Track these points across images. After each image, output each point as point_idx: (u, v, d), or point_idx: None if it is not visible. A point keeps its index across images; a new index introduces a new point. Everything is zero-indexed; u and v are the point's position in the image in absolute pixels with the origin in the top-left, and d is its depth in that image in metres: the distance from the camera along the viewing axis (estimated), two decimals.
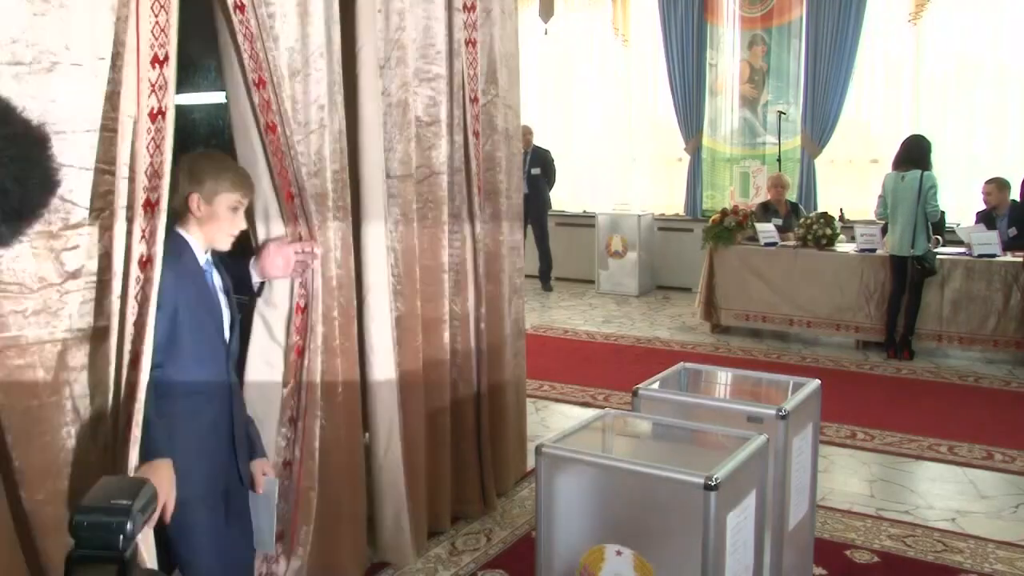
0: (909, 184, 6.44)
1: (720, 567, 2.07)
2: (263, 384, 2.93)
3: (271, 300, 2.93)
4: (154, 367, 2.22)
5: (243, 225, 2.48)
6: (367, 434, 3.49)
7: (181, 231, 2.41)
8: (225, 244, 2.46)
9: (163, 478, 2.15)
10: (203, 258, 2.44)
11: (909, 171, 6.46)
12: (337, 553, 3.18)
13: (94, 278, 2.19)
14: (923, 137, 6.66)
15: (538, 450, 2.28)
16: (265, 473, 2.65)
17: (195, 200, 2.37)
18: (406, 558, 3.47)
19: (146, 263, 2.23)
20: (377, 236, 3.26)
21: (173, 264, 2.30)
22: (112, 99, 2.18)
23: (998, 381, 6.19)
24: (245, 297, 2.82)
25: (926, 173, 6.41)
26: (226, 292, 2.51)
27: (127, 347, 2.19)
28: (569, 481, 2.27)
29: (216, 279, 2.49)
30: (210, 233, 2.42)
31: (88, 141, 2.15)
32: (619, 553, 2.18)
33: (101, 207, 2.18)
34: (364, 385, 3.34)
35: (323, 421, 3.06)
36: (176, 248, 2.35)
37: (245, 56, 2.65)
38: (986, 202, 7.01)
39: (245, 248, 2.76)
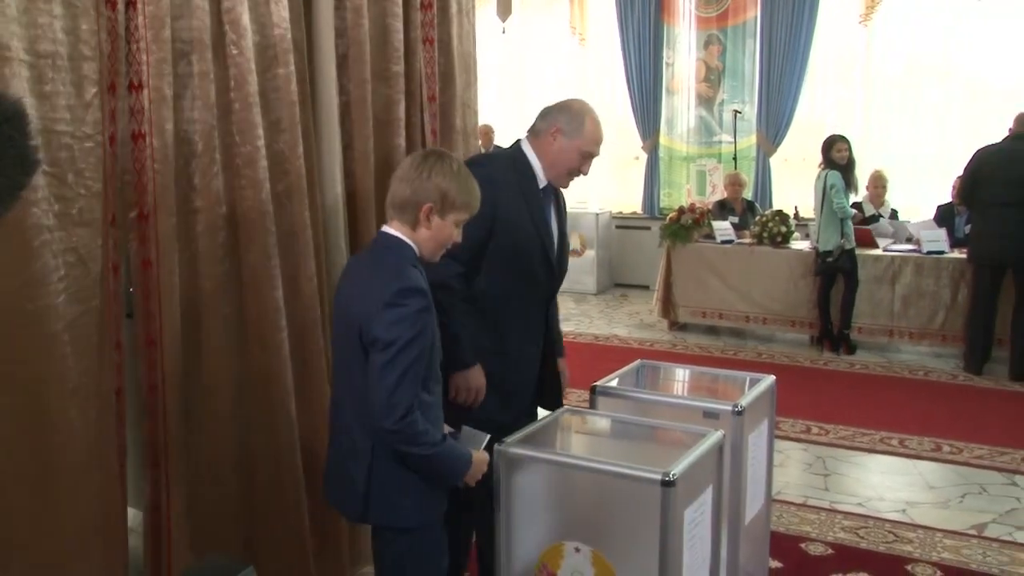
0: (819, 183, 6.72)
1: (677, 562, 2.10)
2: None
3: None
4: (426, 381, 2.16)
5: (459, 238, 2.30)
6: None
7: (400, 235, 2.24)
8: (436, 257, 2.30)
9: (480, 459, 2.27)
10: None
11: (823, 170, 6.72)
12: (287, 556, 3.16)
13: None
14: (832, 136, 6.83)
15: (496, 449, 2.29)
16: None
17: (427, 211, 2.20)
18: (362, 558, 3.45)
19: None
20: (335, 234, 3.24)
21: (419, 270, 2.20)
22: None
23: (946, 375, 6.33)
24: None
25: (829, 172, 6.62)
26: None
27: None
28: (528, 479, 2.29)
29: None
30: (428, 244, 2.24)
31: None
32: (578, 550, 2.20)
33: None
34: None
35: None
36: (410, 254, 2.22)
37: (120, 57, 2.42)
38: (954, 197, 7.10)
39: None
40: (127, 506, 2.55)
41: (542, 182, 2.82)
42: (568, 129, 2.75)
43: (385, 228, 2.27)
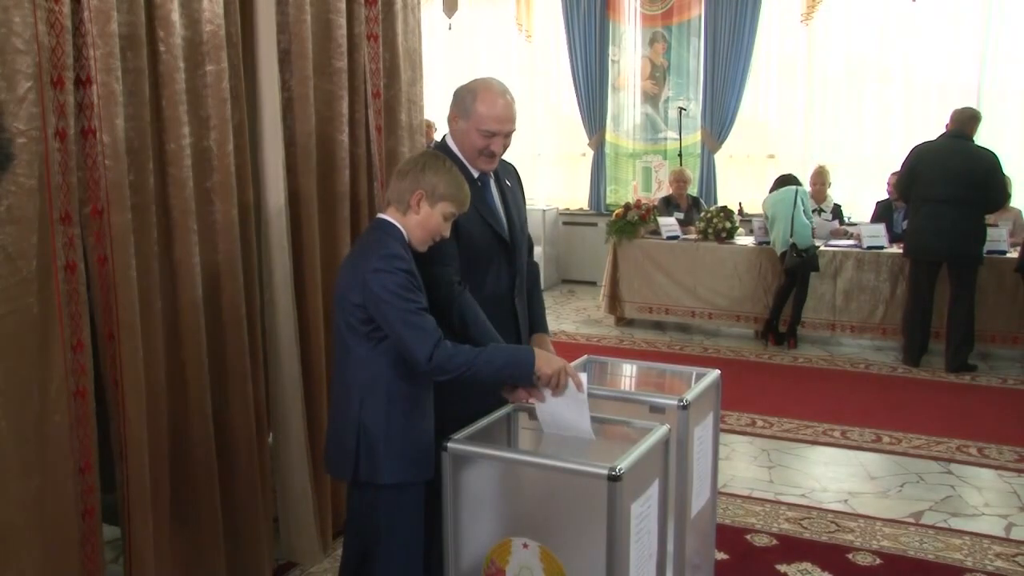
0: (786, 197, 6.85)
1: (624, 556, 2.11)
2: None
3: None
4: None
5: (447, 233, 2.47)
6: (271, 434, 3.43)
7: (391, 219, 2.43)
8: (424, 247, 2.47)
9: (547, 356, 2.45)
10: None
11: (792, 187, 6.93)
12: (245, 553, 3.13)
13: None
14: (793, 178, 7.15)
15: (444, 446, 2.28)
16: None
17: (418, 197, 2.40)
18: (313, 557, 3.42)
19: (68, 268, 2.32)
20: (278, 231, 3.21)
21: (405, 249, 2.38)
22: None
23: (886, 367, 6.47)
24: None
25: (800, 188, 6.92)
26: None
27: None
28: (475, 476, 2.28)
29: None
30: (417, 231, 2.43)
31: None
32: (525, 546, 2.20)
33: None
34: (267, 383, 3.28)
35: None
36: (397, 234, 2.41)
37: (44, 52, 2.30)
38: (890, 193, 7.30)
39: None
40: (90, 509, 2.51)
41: (473, 171, 2.79)
42: (461, 112, 2.73)
43: (380, 214, 2.49)
